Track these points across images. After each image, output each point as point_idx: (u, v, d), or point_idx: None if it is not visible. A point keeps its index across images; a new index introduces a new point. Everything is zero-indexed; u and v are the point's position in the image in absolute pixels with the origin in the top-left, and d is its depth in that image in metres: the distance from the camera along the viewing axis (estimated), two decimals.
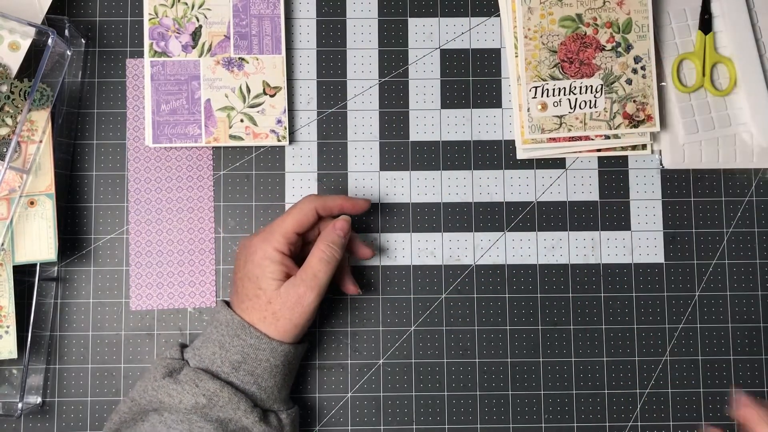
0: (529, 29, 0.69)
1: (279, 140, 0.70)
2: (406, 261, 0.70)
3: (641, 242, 0.71)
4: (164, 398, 0.59)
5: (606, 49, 0.70)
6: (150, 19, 0.69)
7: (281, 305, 0.60)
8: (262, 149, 0.71)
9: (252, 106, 0.70)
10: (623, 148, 0.71)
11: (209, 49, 0.70)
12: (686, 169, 0.72)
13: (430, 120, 0.72)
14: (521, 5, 0.69)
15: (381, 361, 0.69)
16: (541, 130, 0.69)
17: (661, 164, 0.72)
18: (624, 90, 0.70)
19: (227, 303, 0.65)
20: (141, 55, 0.71)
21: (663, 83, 0.72)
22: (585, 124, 0.70)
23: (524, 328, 0.70)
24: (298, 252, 0.64)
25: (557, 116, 0.69)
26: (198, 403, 0.58)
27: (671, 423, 0.69)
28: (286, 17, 0.71)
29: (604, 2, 0.70)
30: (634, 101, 0.70)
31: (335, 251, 0.62)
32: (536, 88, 0.69)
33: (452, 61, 0.72)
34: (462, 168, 0.71)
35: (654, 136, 0.71)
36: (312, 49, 0.72)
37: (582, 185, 0.71)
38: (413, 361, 0.69)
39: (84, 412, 0.68)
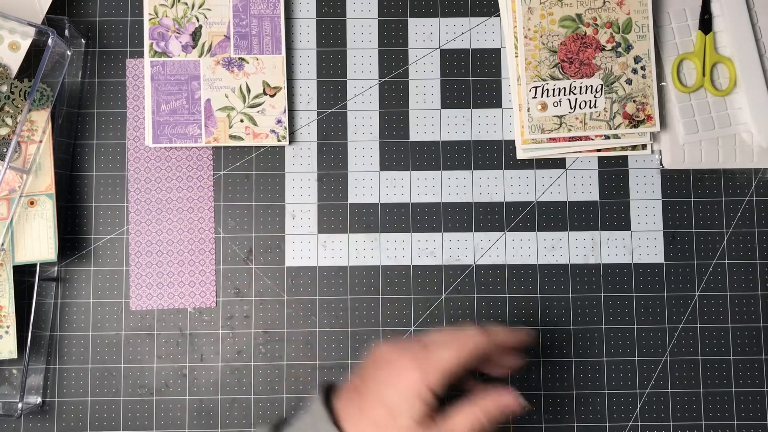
0: (529, 29, 0.69)
1: (279, 140, 0.70)
2: (406, 261, 0.70)
3: (641, 242, 0.71)
4: None
5: (606, 49, 0.70)
6: (150, 19, 0.69)
7: None
8: (262, 149, 0.71)
9: (252, 106, 0.70)
10: (623, 148, 0.71)
11: (209, 49, 0.70)
12: (686, 169, 0.72)
13: (430, 120, 0.72)
14: (521, 5, 0.69)
15: None
16: (541, 130, 0.69)
17: (661, 164, 0.72)
18: (624, 90, 0.70)
19: (329, 392, 0.56)
20: (141, 55, 0.71)
21: (663, 83, 0.72)
22: (585, 124, 0.70)
23: (524, 328, 0.70)
24: None
25: (557, 116, 0.69)
26: None
27: (671, 423, 0.69)
28: (286, 17, 0.71)
29: (604, 2, 0.70)
30: (634, 101, 0.70)
31: (486, 426, 0.53)
32: (536, 88, 0.69)
33: (452, 61, 0.72)
34: (462, 168, 0.71)
35: (654, 136, 0.71)
36: (312, 49, 0.72)
37: (582, 185, 0.71)
38: None
39: (84, 412, 0.68)
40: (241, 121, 0.69)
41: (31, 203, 0.65)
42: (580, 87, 0.69)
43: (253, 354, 0.69)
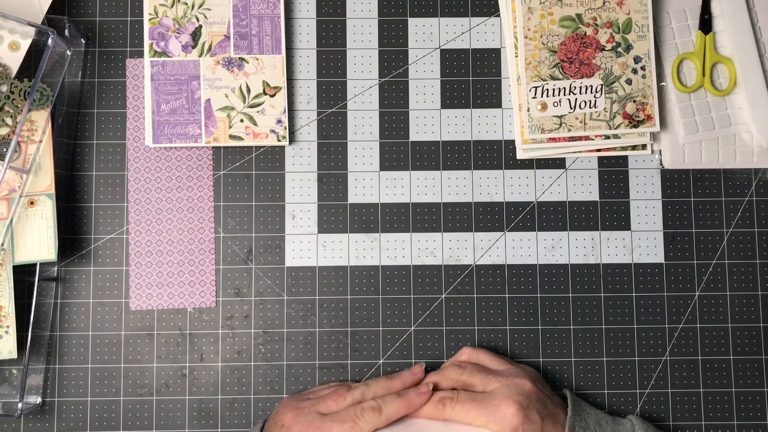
0: (529, 29, 0.69)
1: (279, 140, 0.70)
2: (406, 261, 0.70)
3: (641, 242, 0.71)
4: None
5: (606, 49, 0.70)
6: (150, 19, 0.69)
7: None
8: (262, 149, 0.71)
9: (252, 106, 0.70)
10: (623, 148, 0.71)
11: (209, 49, 0.70)
12: (686, 169, 0.72)
13: (430, 120, 0.72)
14: (521, 5, 0.69)
15: (381, 361, 0.69)
16: (541, 130, 0.69)
17: (661, 164, 0.72)
18: (624, 90, 0.70)
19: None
20: (141, 55, 0.71)
21: (663, 83, 0.72)
22: (585, 124, 0.70)
23: (524, 328, 0.70)
24: None
25: (557, 116, 0.69)
26: None
27: (671, 423, 0.69)
28: (286, 17, 0.71)
29: (604, 2, 0.70)
30: (634, 101, 0.70)
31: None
32: (536, 88, 0.69)
33: (452, 61, 0.72)
34: (462, 168, 0.71)
35: (654, 136, 0.71)
36: (312, 49, 0.72)
37: (582, 185, 0.71)
38: (413, 361, 0.69)
39: (84, 412, 0.68)
40: (241, 121, 0.69)
41: (31, 203, 0.65)
42: (580, 87, 0.69)
43: (253, 354, 0.69)
